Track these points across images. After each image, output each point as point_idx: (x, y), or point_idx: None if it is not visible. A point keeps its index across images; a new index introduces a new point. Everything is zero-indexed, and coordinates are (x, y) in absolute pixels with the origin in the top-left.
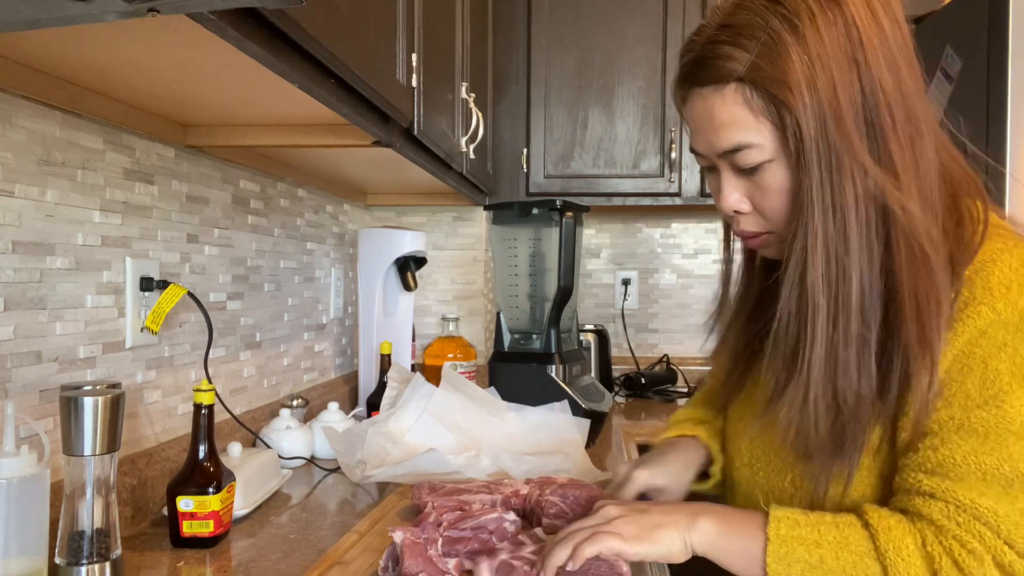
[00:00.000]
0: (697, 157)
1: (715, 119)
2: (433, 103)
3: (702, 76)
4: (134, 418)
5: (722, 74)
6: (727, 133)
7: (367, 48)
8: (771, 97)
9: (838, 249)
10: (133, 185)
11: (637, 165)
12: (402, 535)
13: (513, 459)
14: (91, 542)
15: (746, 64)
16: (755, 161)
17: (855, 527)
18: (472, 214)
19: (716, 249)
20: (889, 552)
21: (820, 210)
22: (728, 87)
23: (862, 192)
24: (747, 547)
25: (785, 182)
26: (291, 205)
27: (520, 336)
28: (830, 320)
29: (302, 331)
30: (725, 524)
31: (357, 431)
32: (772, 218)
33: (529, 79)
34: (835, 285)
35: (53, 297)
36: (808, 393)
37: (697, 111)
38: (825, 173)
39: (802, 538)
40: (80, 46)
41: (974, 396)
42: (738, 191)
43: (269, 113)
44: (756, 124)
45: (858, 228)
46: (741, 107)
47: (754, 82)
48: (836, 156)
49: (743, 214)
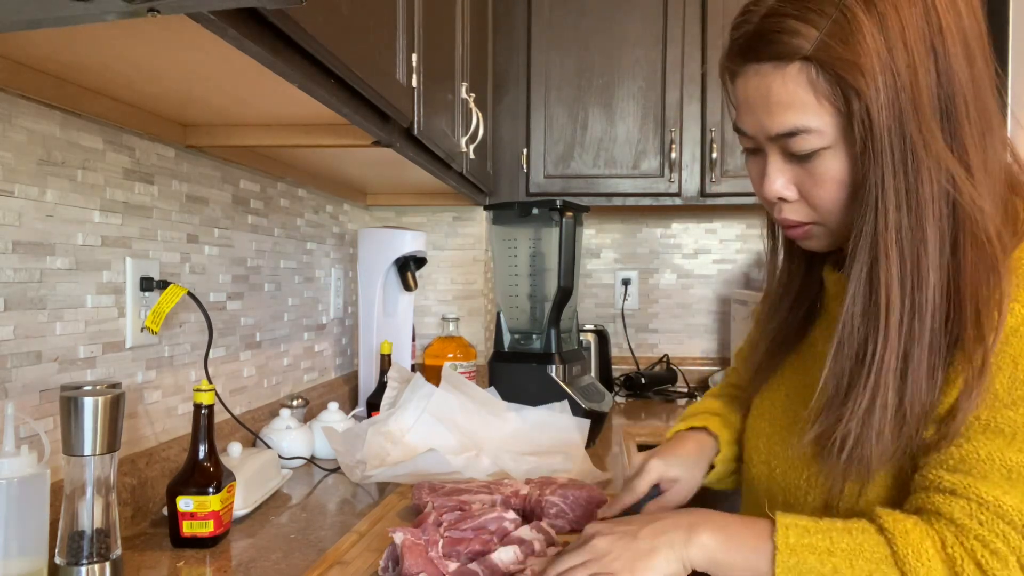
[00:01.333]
0: (741, 137)
1: (772, 99)
2: (433, 103)
3: (761, 51)
4: (134, 418)
5: (786, 51)
6: (784, 115)
7: (367, 48)
8: (840, 80)
9: (915, 246)
10: (133, 185)
11: (637, 165)
12: (402, 536)
13: (513, 459)
14: (91, 542)
15: (814, 42)
16: (811, 147)
17: (869, 532)
18: (472, 214)
19: (716, 249)
20: (909, 557)
21: (894, 203)
22: (791, 66)
23: (937, 187)
24: (752, 559)
25: (842, 172)
26: (291, 205)
27: (520, 336)
28: (904, 322)
29: (302, 331)
30: (726, 536)
31: (357, 431)
32: (821, 208)
33: (529, 79)
34: (911, 284)
35: (53, 297)
36: (875, 400)
37: (751, 88)
38: (900, 164)
39: (813, 546)
40: (80, 46)
41: (1002, 396)
42: (784, 176)
43: (269, 113)
44: (818, 108)
45: (935, 224)
46: (804, 88)
47: (822, 62)
48: (912, 147)
49: (788, 202)
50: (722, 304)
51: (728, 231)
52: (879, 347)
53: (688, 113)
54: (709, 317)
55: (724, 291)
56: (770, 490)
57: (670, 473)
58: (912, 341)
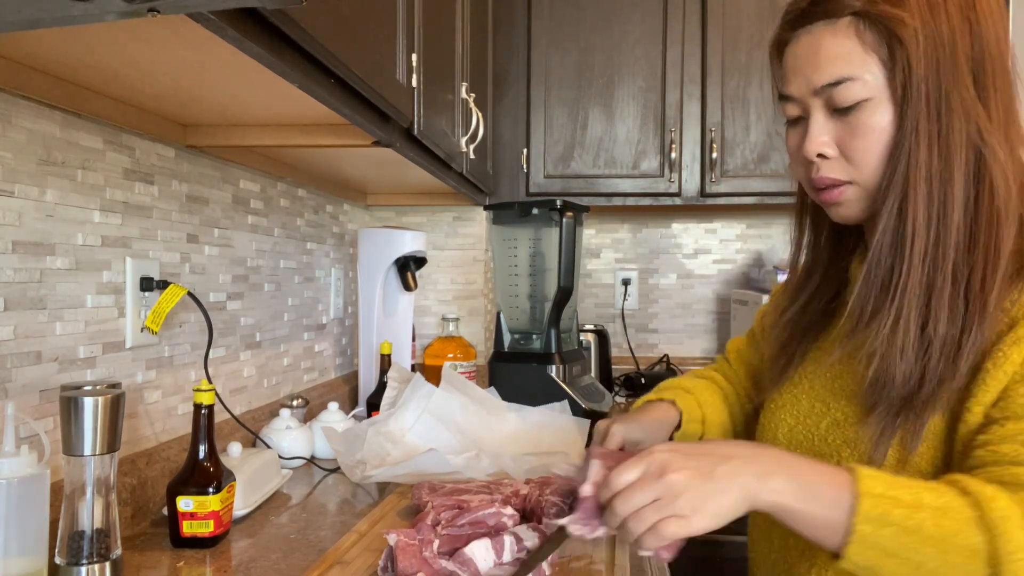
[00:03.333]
0: (786, 105)
1: (821, 52)
2: (433, 103)
3: (816, 12)
4: (134, 418)
5: (837, 7)
6: (832, 66)
7: (367, 48)
8: (885, 32)
9: (943, 184)
10: (133, 185)
11: (637, 165)
12: (396, 538)
13: (513, 459)
14: (91, 542)
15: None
16: (856, 97)
17: (953, 494)
18: (472, 214)
19: (716, 249)
20: (999, 521)
21: (926, 145)
22: (841, 20)
23: (965, 136)
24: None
25: (883, 122)
26: (291, 205)
27: (520, 336)
28: (928, 249)
29: (302, 331)
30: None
31: (357, 431)
32: (860, 162)
33: (529, 79)
34: (936, 217)
35: (53, 297)
36: (900, 319)
37: (801, 48)
38: (933, 110)
39: (899, 499)
40: (80, 46)
41: None
42: (827, 133)
43: (269, 113)
44: (864, 58)
45: (961, 168)
46: (852, 40)
47: (869, 16)
48: (947, 96)
49: (827, 159)
50: (722, 304)
51: (728, 231)
52: (904, 273)
53: (688, 113)
54: (709, 317)
55: (724, 291)
56: None
57: (632, 436)
58: (935, 270)
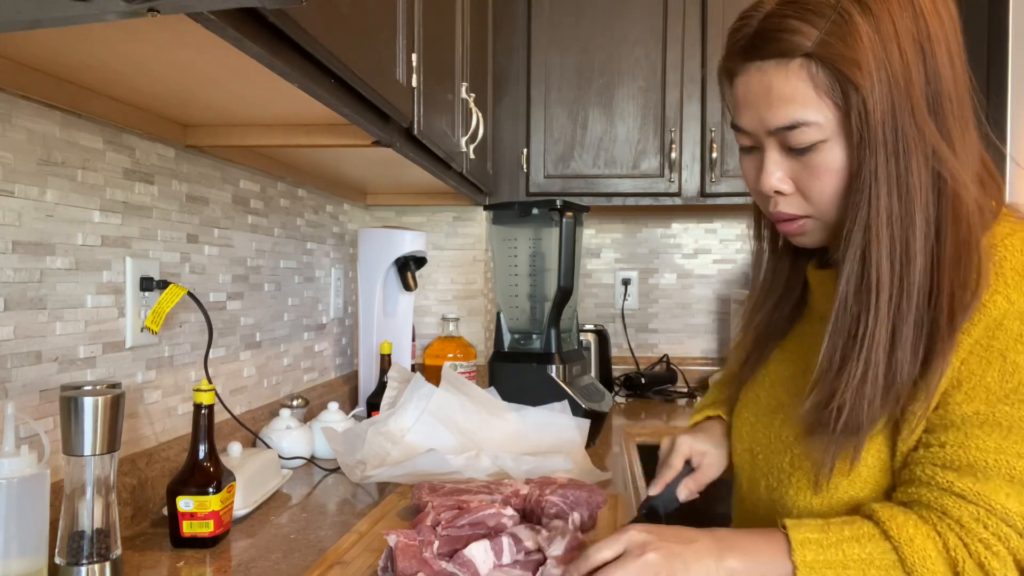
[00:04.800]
0: (738, 135)
1: (773, 94)
2: (433, 103)
3: (764, 49)
4: (134, 418)
5: (788, 48)
6: (785, 109)
7: (367, 48)
8: (838, 75)
9: (905, 228)
10: (133, 185)
11: (637, 165)
12: (396, 538)
13: (513, 459)
14: (91, 542)
15: (815, 40)
16: (810, 140)
17: (876, 540)
18: (472, 214)
19: (716, 249)
20: (916, 565)
21: (885, 190)
22: (793, 62)
23: (926, 174)
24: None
25: (838, 163)
26: (291, 205)
27: (520, 336)
28: (893, 299)
29: (302, 331)
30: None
31: (357, 431)
32: (817, 200)
33: (529, 79)
34: (899, 264)
35: (53, 297)
36: (868, 371)
37: (752, 85)
38: (892, 154)
39: (829, 562)
40: (80, 46)
41: (995, 390)
42: (782, 170)
43: (269, 113)
44: (818, 102)
45: (923, 210)
46: (805, 83)
47: (822, 59)
48: (904, 136)
49: (784, 195)
50: (722, 304)
51: (728, 231)
52: (871, 323)
53: (688, 113)
54: (709, 317)
55: (724, 291)
56: (752, 476)
57: (698, 447)
58: (900, 318)
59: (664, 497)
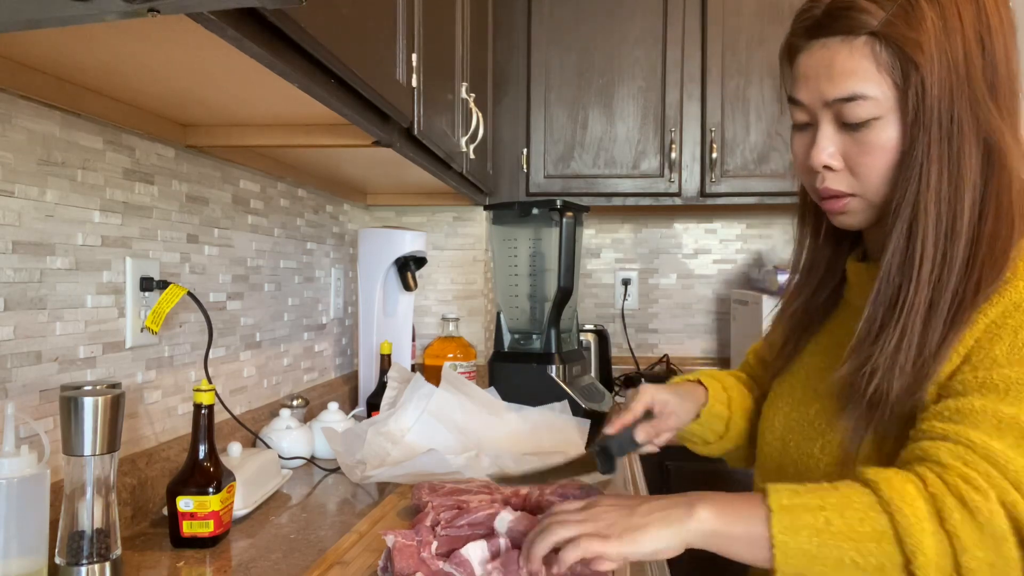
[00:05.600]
0: (795, 110)
1: (835, 67)
2: (433, 103)
3: (832, 26)
4: (134, 418)
5: (855, 25)
6: (845, 81)
7: (367, 48)
8: (900, 54)
9: (952, 206)
10: (133, 185)
11: (637, 165)
12: (393, 539)
13: (513, 459)
14: (91, 542)
15: (881, 20)
16: (866, 115)
17: (854, 486)
18: (472, 214)
19: (716, 249)
20: (894, 499)
21: (936, 168)
22: (859, 39)
23: (976, 157)
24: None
25: (891, 142)
26: (291, 205)
27: (520, 336)
28: (935, 272)
29: (302, 331)
30: (723, 508)
31: (357, 431)
32: (865, 178)
33: (529, 79)
34: (944, 239)
35: (53, 297)
36: (904, 337)
37: (815, 59)
38: (945, 136)
39: (805, 504)
40: (80, 46)
41: (1000, 359)
42: (835, 145)
43: (269, 113)
44: (878, 78)
45: (970, 189)
46: (868, 59)
47: (887, 37)
48: (958, 120)
49: (833, 171)
50: (722, 304)
51: (728, 231)
52: (911, 292)
53: (688, 113)
54: (709, 317)
55: (724, 291)
56: (782, 464)
57: (661, 396)
58: (940, 290)
59: (619, 439)
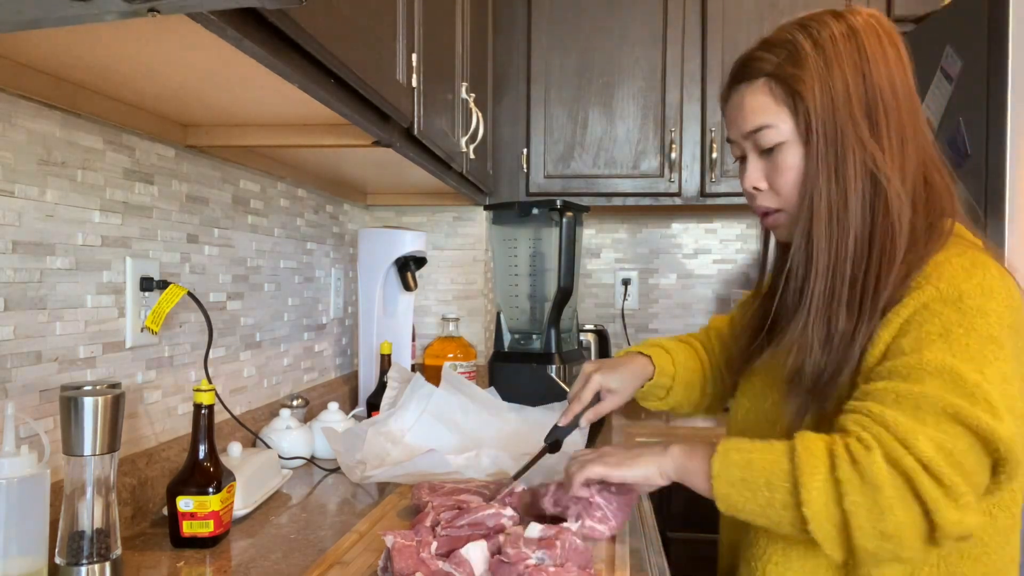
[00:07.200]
0: (732, 147)
1: (745, 106)
2: (433, 103)
3: (741, 75)
4: (134, 418)
5: (754, 71)
6: (753, 117)
7: (367, 48)
8: (790, 89)
9: (839, 207)
10: (133, 185)
11: (637, 165)
12: (393, 539)
13: (513, 459)
14: (91, 542)
15: (773, 64)
16: (773, 141)
17: (782, 442)
18: (472, 214)
19: (716, 249)
20: (799, 448)
21: (825, 176)
22: (758, 81)
23: (860, 165)
24: (701, 462)
25: (796, 161)
26: (291, 205)
27: (520, 336)
28: (829, 263)
29: (302, 331)
30: (688, 450)
31: (357, 431)
32: (783, 194)
33: (529, 79)
34: (835, 235)
35: (53, 297)
36: (809, 320)
37: (733, 103)
38: (831, 148)
39: (738, 447)
40: (80, 46)
41: (905, 349)
42: (758, 171)
43: (269, 113)
44: (776, 109)
45: (855, 192)
46: (766, 95)
47: (778, 77)
48: (841, 134)
49: (761, 191)
50: (722, 304)
51: (728, 231)
52: (811, 283)
53: (688, 113)
54: (709, 317)
55: (724, 291)
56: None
57: (609, 384)
58: (836, 279)
59: (568, 428)
